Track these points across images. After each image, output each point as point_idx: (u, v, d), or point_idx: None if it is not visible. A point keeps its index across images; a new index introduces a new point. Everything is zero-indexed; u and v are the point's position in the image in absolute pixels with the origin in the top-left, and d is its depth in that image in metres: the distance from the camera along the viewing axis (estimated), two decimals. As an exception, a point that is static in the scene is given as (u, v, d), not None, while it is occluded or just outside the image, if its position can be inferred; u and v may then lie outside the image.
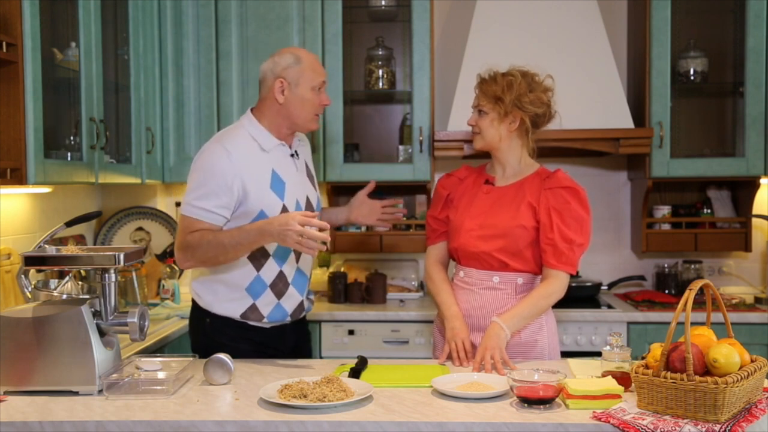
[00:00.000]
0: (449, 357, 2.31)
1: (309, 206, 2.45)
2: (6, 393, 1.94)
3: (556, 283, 2.30)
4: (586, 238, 2.32)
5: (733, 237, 3.56)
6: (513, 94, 2.31)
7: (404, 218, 3.68)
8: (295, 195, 2.40)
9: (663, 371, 1.72)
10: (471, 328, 2.36)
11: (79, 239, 3.33)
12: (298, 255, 2.41)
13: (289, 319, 2.46)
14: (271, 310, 2.40)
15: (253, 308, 2.39)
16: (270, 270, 2.38)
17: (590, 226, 2.34)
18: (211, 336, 2.44)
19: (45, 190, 3.01)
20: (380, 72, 3.69)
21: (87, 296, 2.12)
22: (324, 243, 2.14)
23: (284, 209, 2.35)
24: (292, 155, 2.45)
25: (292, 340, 2.51)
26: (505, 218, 2.34)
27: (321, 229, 2.21)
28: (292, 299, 2.43)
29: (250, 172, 2.31)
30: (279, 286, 2.40)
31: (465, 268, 2.41)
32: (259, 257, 2.37)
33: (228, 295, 2.40)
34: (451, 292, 2.44)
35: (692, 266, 3.70)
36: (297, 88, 2.36)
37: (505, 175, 2.43)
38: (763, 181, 3.50)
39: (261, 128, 2.39)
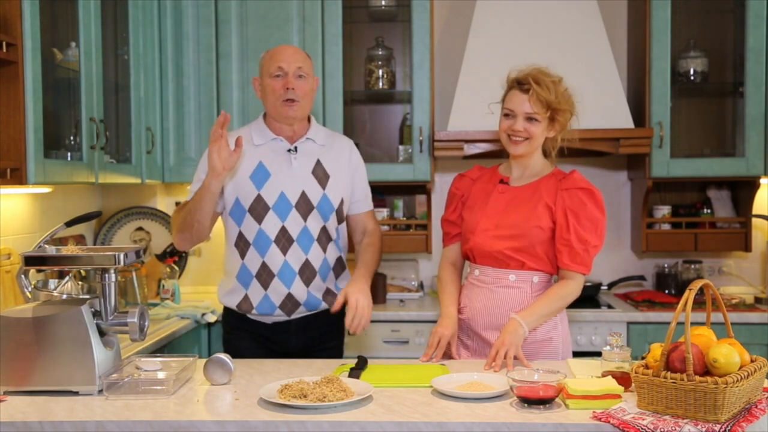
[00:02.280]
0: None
1: (304, 200, 2.43)
2: (6, 393, 1.93)
3: (573, 284, 2.32)
4: (600, 239, 2.33)
5: (733, 237, 3.56)
6: (568, 104, 2.32)
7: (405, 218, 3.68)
8: (281, 188, 2.42)
9: (663, 371, 1.72)
10: (487, 326, 2.37)
11: (79, 239, 3.33)
12: (284, 247, 2.42)
13: (278, 312, 2.46)
14: (260, 300, 2.46)
15: (246, 298, 2.47)
16: (253, 259, 2.44)
17: (605, 227, 2.34)
18: (224, 328, 2.60)
19: (45, 190, 3.01)
20: (380, 72, 3.69)
21: (87, 296, 2.12)
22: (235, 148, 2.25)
23: (259, 198, 2.41)
24: (289, 150, 2.46)
25: (299, 341, 2.52)
26: (521, 218, 2.33)
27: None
28: (277, 292, 2.44)
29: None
30: (263, 276, 2.44)
31: (480, 266, 2.40)
32: (241, 245, 2.44)
33: (227, 285, 2.52)
34: (454, 292, 2.45)
35: (692, 266, 3.70)
36: (263, 80, 2.47)
37: (523, 176, 2.42)
38: (763, 181, 3.50)
39: (261, 125, 2.50)
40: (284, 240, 2.42)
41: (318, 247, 2.48)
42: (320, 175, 2.48)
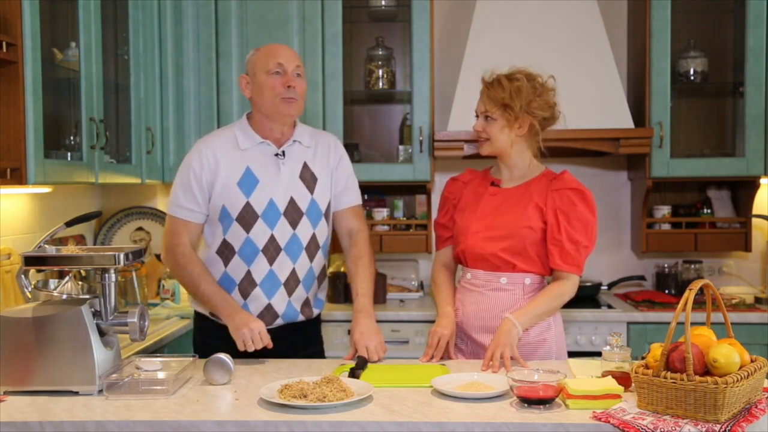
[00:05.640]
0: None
1: (293, 206, 2.36)
2: (6, 393, 1.94)
3: (568, 284, 2.31)
4: (591, 240, 2.32)
5: (733, 237, 3.56)
6: (522, 99, 2.28)
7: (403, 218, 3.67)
8: (270, 195, 2.33)
9: (663, 371, 1.72)
10: (480, 329, 2.36)
11: (79, 239, 3.33)
12: (271, 257, 2.35)
13: None
14: None
15: None
16: (237, 268, 2.36)
17: (596, 228, 2.34)
18: (196, 332, 2.50)
19: (45, 190, 3.01)
20: (380, 72, 3.69)
21: (87, 296, 2.12)
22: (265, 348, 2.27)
23: (248, 206, 2.32)
24: (276, 154, 2.37)
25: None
26: (512, 219, 2.33)
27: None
28: (257, 302, 2.36)
29: (218, 168, 2.33)
30: (244, 284, 2.36)
31: (472, 270, 2.40)
32: (226, 253, 2.36)
33: None
34: (450, 293, 2.46)
35: (692, 266, 3.70)
36: (254, 77, 2.36)
37: (512, 177, 2.41)
38: (763, 181, 3.51)
39: (247, 127, 2.39)
40: (272, 249, 2.34)
41: (306, 257, 2.40)
42: (308, 178, 2.40)
